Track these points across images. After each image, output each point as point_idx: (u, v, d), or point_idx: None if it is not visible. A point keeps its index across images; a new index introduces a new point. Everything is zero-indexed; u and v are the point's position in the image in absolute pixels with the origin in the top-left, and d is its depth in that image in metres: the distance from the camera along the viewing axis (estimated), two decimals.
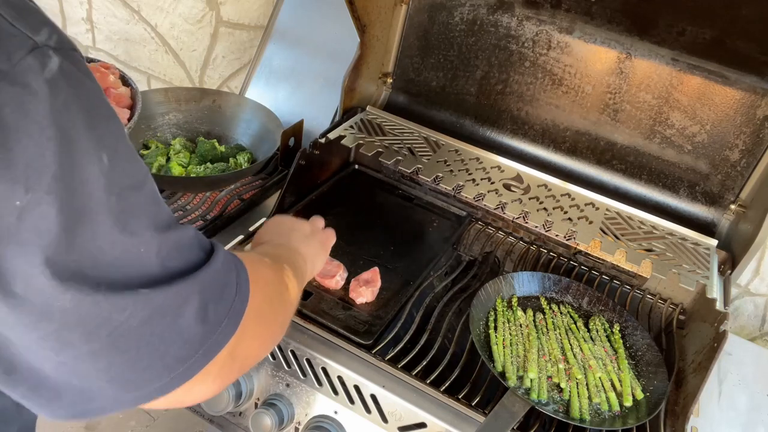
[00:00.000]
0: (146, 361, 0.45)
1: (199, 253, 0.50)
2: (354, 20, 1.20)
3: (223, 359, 0.51)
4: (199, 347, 0.48)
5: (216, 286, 0.50)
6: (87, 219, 0.41)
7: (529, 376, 0.92)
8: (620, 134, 1.22)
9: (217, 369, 0.51)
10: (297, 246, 0.82)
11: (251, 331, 0.55)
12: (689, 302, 1.16)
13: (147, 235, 0.44)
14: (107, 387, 0.44)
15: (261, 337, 0.60)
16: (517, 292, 1.11)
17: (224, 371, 0.53)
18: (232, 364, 0.54)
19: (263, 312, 0.59)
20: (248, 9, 1.71)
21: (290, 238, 0.84)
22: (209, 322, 0.48)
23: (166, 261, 0.46)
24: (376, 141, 1.23)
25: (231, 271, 0.52)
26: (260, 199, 1.27)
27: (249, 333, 0.54)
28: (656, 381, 0.95)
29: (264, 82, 1.51)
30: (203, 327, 0.48)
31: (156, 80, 2.00)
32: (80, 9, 1.97)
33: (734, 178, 1.16)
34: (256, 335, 0.58)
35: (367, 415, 0.89)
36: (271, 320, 0.62)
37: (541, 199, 1.15)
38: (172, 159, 1.29)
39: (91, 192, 0.41)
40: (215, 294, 0.49)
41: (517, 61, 1.27)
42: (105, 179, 0.42)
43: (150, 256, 0.45)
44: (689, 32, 1.09)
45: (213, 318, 0.49)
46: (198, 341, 0.48)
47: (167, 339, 0.45)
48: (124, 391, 0.45)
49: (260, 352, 0.62)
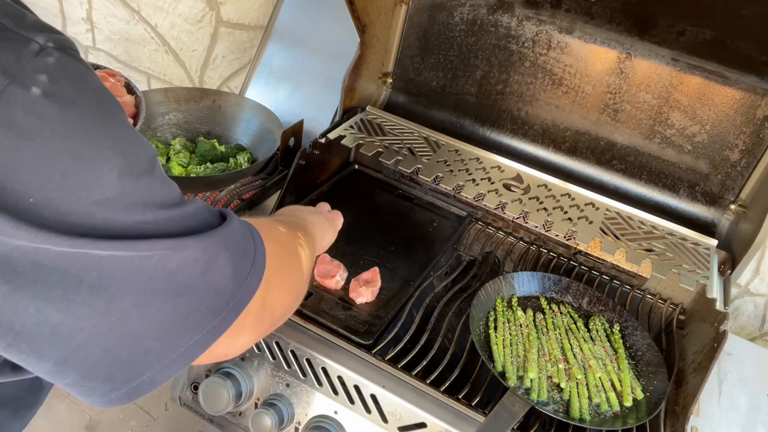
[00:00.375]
0: (184, 312, 0.47)
1: (213, 218, 0.53)
2: (354, 20, 1.20)
3: (255, 310, 0.54)
4: (231, 299, 0.51)
5: (237, 243, 0.52)
6: (104, 209, 0.42)
7: (529, 376, 0.92)
8: (620, 134, 1.22)
9: (251, 320, 0.54)
10: (306, 216, 0.86)
11: (276, 282, 0.59)
12: (689, 302, 1.16)
13: (160, 213, 0.46)
14: (154, 348, 0.46)
15: (287, 288, 0.64)
16: (517, 292, 1.11)
17: (258, 321, 0.56)
18: (264, 313, 0.57)
19: (283, 264, 0.63)
20: (248, 9, 1.71)
21: (298, 214, 0.88)
22: (236, 275, 0.51)
23: (184, 225, 0.48)
24: (376, 141, 1.23)
25: (246, 232, 0.55)
26: (260, 199, 1.27)
27: (275, 284, 0.58)
28: (656, 381, 0.95)
29: (264, 82, 1.51)
30: (231, 279, 0.50)
31: (156, 80, 2.00)
32: (80, 9, 1.97)
33: (734, 178, 1.16)
34: (282, 286, 0.62)
35: (367, 415, 0.89)
36: (293, 271, 0.66)
37: (541, 199, 1.15)
38: (172, 159, 1.29)
39: (107, 182, 0.42)
40: (238, 249, 0.52)
41: (517, 61, 1.27)
42: (117, 170, 0.43)
43: (169, 225, 0.47)
44: (689, 32, 1.09)
45: (239, 271, 0.51)
46: (229, 292, 0.50)
47: (200, 290, 0.48)
48: (170, 350, 0.47)
49: (288, 301, 0.65)
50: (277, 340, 0.93)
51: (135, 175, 0.45)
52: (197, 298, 0.48)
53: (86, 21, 1.99)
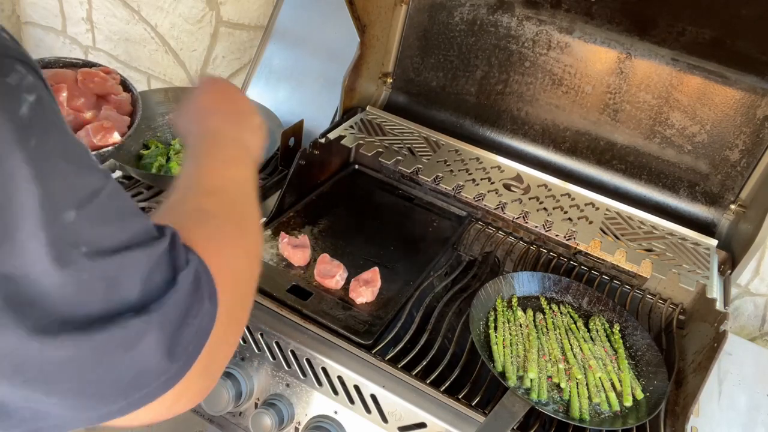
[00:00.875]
0: (94, 389, 0.41)
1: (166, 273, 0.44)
2: (354, 20, 1.20)
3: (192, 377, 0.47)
4: (159, 377, 0.44)
5: (179, 314, 0.44)
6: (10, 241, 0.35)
7: (529, 376, 0.92)
8: (620, 134, 1.22)
9: (185, 386, 0.47)
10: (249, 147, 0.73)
11: (221, 340, 0.50)
12: (689, 302, 1.16)
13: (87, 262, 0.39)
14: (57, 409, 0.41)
15: (232, 341, 0.55)
16: (517, 292, 1.11)
17: (195, 387, 0.49)
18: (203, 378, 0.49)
19: (234, 313, 0.53)
20: (248, 9, 1.71)
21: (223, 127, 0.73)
22: (170, 354, 0.43)
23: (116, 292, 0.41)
24: (376, 141, 1.23)
25: (197, 289, 0.47)
26: (260, 199, 1.27)
27: (219, 343, 0.50)
28: (656, 381, 0.95)
29: (264, 82, 1.51)
30: (163, 359, 0.43)
31: (156, 80, 2.00)
32: (80, 9, 1.97)
33: (734, 178, 1.16)
34: (228, 341, 0.53)
35: (367, 415, 0.89)
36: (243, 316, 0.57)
37: (541, 199, 1.15)
38: (172, 159, 1.29)
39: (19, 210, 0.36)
40: (177, 323, 0.44)
41: (517, 61, 1.27)
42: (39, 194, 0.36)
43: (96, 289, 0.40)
44: (689, 32, 1.09)
45: (174, 348, 0.44)
46: (158, 372, 0.43)
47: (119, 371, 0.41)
48: (77, 412, 0.42)
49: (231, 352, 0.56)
50: (277, 340, 0.93)
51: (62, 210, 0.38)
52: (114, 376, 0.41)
53: (86, 21, 1.99)
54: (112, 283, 0.40)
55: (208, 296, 0.48)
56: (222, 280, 0.50)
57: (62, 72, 1.04)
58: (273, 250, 1.08)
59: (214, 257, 0.50)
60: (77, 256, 0.38)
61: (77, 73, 1.06)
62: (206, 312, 0.47)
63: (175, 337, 0.44)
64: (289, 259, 1.06)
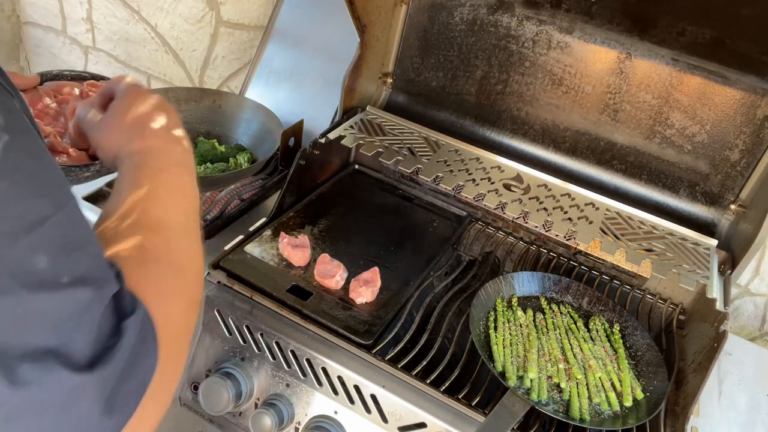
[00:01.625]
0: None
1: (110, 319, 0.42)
2: (354, 20, 1.20)
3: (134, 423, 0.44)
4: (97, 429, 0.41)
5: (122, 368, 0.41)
6: None
7: (529, 376, 0.92)
8: (620, 134, 1.22)
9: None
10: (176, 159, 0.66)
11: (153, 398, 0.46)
12: (689, 302, 1.16)
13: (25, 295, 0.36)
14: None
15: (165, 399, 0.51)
16: (517, 292, 1.11)
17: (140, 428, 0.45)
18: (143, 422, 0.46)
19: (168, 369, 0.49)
20: (248, 9, 1.71)
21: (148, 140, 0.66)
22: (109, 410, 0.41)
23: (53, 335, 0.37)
24: (376, 141, 1.23)
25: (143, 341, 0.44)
26: (260, 199, 1.27)
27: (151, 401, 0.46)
28: (656, 381, 0.95)
29: (264, 82, 1.51)
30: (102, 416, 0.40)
31: (156, 80, 2.00)
32: (80, 9, 1.97)
33: (734, 178, 1.16)
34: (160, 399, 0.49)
35: (367, 415, 0.89)
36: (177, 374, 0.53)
37: (541, 199, 1.15)
38: None
39: None
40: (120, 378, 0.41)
41: (517, 61, 1.27)
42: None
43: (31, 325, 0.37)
44: (689, 32, 1.09)
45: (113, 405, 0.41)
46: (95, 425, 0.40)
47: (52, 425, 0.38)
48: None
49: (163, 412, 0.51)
50: (277, 340, 0.94)
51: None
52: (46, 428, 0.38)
53: (86, 21, 1.99)
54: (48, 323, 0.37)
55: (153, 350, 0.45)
56: (161, 331, 0.46)
57: (69, 84, 1.02)
58: (273, 250, 1.08)
59: (155, 305, 0.47)
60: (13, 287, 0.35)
61: (83, 86, 1.05)
62: (150, 367, 0.44)
63: (115, 392, 0.41)
64: (289, 259, 1.06)
